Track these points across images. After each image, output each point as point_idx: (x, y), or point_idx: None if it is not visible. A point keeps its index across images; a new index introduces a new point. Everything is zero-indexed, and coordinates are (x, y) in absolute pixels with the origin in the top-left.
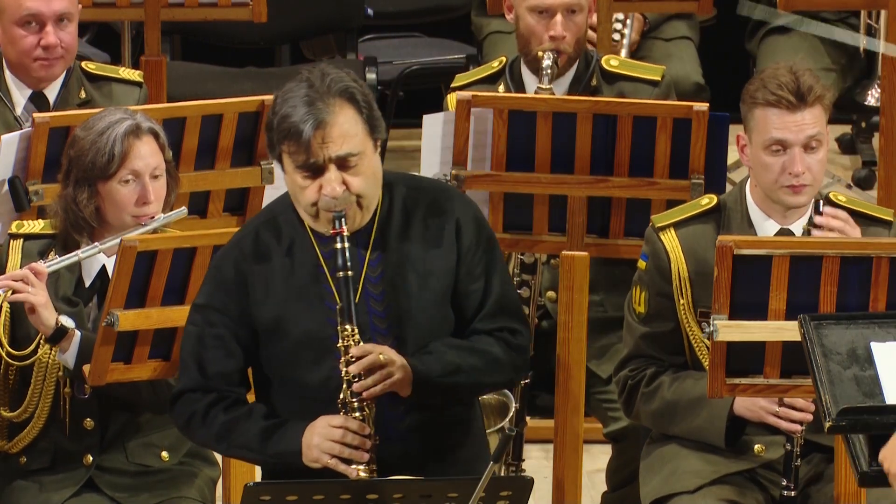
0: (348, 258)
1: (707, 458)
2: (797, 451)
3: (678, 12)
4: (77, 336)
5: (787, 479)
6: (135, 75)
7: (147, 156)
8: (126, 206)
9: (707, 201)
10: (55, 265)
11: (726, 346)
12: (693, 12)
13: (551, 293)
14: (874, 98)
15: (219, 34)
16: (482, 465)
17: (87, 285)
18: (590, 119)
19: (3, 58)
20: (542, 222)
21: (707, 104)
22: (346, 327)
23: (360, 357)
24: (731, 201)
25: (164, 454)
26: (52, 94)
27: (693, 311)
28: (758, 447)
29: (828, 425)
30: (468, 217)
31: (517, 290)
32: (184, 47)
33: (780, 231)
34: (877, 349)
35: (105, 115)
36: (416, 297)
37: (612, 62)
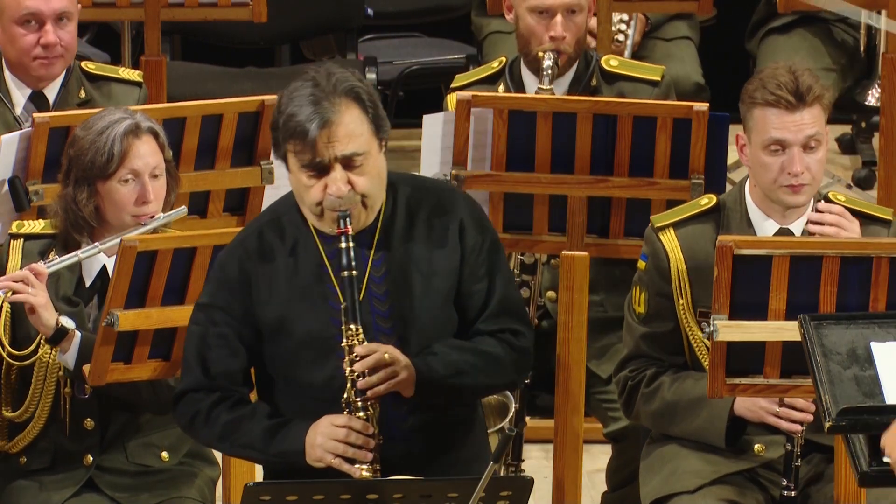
0: (353, 257)
1: (707, 458)
2: (797, 451)
3: (678, 12)
4: (77, 337)
5: (788, 479)
6: (134, 75)
7: (146, 155)
8: (125, 205)
9: (706, 201)
10: (55, 266)
11: (726, 346)
12: (693, 12)
13: (551, 293)
14: (874, 98)
15: (219, 34)
16: (484, 466)
17: (88, 285)
18: (590, 119)
19: (3, 57)
20: (542, 222)
21: (707, 104)
22: (351, 327)
23: (366, 355)
24: (730, 201)
25: (164, 454)
26: (51, 93)
27: (692, 311)
28: (758, 447)
29: (828, 425)
30: (472, 218)
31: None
32: (184, 47)
33: (780, 231)
34: (877, 349)
35: (105, 114)
36: (420, 298)
37: (612, 62)
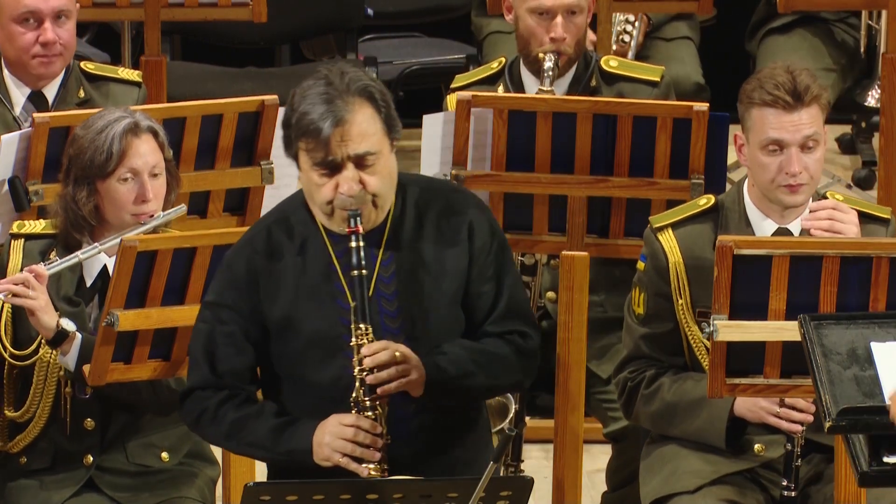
0: (363, 257)
1: (707, 458)
2: (797, 451)
3: (678, 12)
4: (78, 339)
5: (788, 478)
6: (134, 75)
7: (145, 154)
8: (125, 204)
9: (705, 201)
10: (55, 267)
11: (726, 346)
12: (693, 12)
13: (551, 294)
14: (874, 98)
15: (219, 34)
16: (486, 466)
17: (89, 285)
18: (590, 119)
19: (2, 57)
20: (542, 222)
21: (707, 104)
22: (361, 326)
23: (378, 352)
24: (728, 201)
25: (165, 454)
26: (50, 93)
27: (691, 311)
28: (758, 447)
29: (828, 425)
30: (481, 219)
31: None
32: (184, 47)
33: (778, 230)
34: (877, 349)
35: (104, 113)
36: (428, 298)
37: (612, 63)
